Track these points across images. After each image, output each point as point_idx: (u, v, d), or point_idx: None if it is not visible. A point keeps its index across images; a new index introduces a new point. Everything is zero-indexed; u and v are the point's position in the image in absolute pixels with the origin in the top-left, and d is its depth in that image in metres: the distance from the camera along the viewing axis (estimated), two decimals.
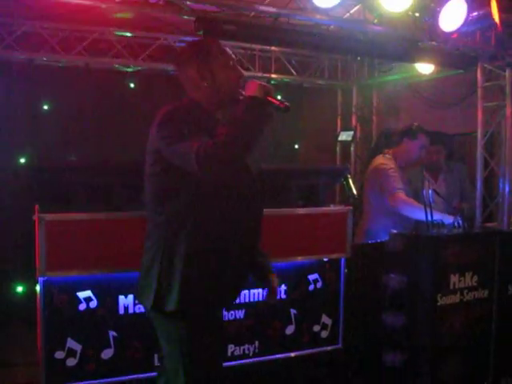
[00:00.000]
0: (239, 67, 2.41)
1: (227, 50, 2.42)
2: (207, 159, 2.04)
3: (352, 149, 5.68)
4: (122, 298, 3.15)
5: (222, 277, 2.33)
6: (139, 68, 5.14)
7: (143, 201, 2.40)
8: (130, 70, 5.14)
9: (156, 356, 3.23)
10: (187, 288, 2.24)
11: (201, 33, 3.40)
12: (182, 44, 5.05)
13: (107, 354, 3.14)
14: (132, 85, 5.48)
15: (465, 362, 3.61)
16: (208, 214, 2.26)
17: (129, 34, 4.89)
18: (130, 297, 3.16)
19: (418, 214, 3.84)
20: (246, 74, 2.44)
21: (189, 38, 4.82)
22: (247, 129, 2.13)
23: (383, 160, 4.19)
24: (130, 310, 3.17)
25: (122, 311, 3.16)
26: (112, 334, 3.14)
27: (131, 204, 3.12)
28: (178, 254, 2.24)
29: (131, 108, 5.39)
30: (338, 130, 5.82)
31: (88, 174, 3.21)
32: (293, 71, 5.39)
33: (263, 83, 2.23)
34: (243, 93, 2.25)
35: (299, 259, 3.52)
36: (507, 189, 4.06)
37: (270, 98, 2.19)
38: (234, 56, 2.42)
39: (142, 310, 3.19)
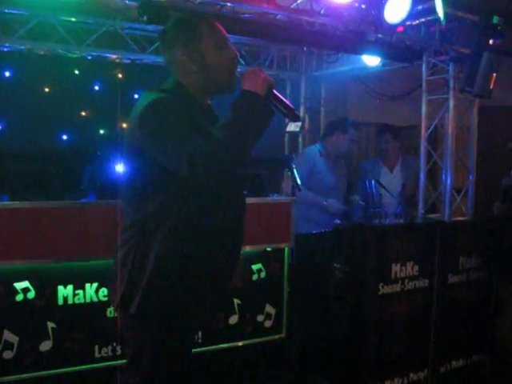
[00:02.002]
0: (233, 47, 2.13)
1: (219, 27, 2.13)
2: (201, 167, 1.82)
3: (300, 140, 5.70)
4: (61, 288, 3.08)
5: (197, 288, 2.08)
6: (84, 54, 5.00)
7: (122, 194, 2.17)
8: (74, 56, 5.00)
9: (97, 347, 3.18)
10: (152, 292, 2.01)
11: (145, 19, 3.33)
12: (129, 31, 4.94)
13: (46, 346, 3.08)
14: (77, 71, 5.34)
15: (406, 349, 3.69)
16: (189, 216, 2.02)
17: (73, 19, 4.74)
18: (70, 287, 3.10)
19: (311, 201, 4.22)
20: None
21: (136, 25, 4.73)
22: (246, 134, 1.90)
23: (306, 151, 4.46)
24: (70, 301, 3.11)
25: (61, 302, 3.09)
26: (51, 325, 3.08)
27: (70, 193, 3.06)
28: (151, 255, 2.01)
29: (76, 95, 5.26)
30: (287, 120, 5.81)
31: (25, 162, 3.13)
32: (241, 61, 5.35)
33: (267, 76, 1.99)
34: (240, 79, 2.01)
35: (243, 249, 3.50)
36: (449, 181, 4.14)
37: (276, 103, 1.98)
38: (226, 34, 2.13)
39: (82, 300, 3.14)
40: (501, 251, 3.91)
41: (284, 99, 2.04)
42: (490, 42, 3.95)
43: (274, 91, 2.01)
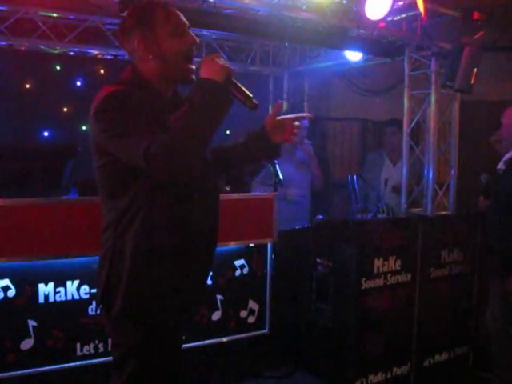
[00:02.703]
0: (192, 34, 2.03)
1: (177, 13, 2.02)
2: (158, 160, 1.74)
3: None
4: (41, 286, 3.06)
5: (176, 284, 2.03)
6: (66, 50, 4.96)
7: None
8: (56, 51, 4.96)
9: (78, 345, 3.17)
10: (134, 291, 1.96)
11: (125, 14, 3.30)
12: (110, 27, 4.91)
13: (27, 344, 3.05)
14: (58, 67, 5.30)
15: (389, 343, 3.71)
16: (159, 209, 1.96)
17: (54, 15, 4.71)
18: (51, 285, 3.08)
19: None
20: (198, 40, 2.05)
21: (119, 21, 4.70)
22: (205, 122, 1.82)
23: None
24: (51, 299, 3.09)
25: (41, 300, 3.07)
26: (32, 323, 3.05)
27: (50, 189, 3.04)
28: (127, 254, 1.95)
29: (57, 91, 5.22)
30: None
31: (5, 158, 3.09)
32: (224, 56, 5.34)
33: (224, 63, 1.89)
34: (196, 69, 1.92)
35: (225, 245, 3.50)
36: (431, 176, 4.16)
37: (234, 91, 1.89)
38: (185, 21, 2.03)
39: (63, 298, 3.12)
40: (485, 245, 3.92)
41: (242, 87, 1.94)
42: (471, 37, 3.98)
43: (233, 79, 1.92)
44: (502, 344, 3.66)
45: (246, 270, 3.64)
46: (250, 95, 1.93)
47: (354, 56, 4.82)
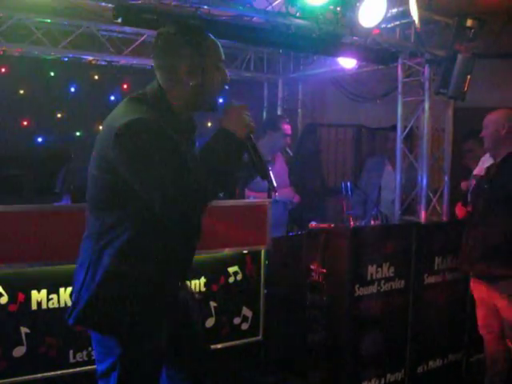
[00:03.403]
0: (225, 69, 2.05)
1: (219, 46, 2.03)
2: (170, 209, 1.84)
3: None
4: (34, 292, 3.03)
5: (145, 306, 2.01)
6: (60, 56, 4.96)
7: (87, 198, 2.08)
8: (50, 57, 4.96)
9: (71, 352, 3.15)
10: (95, 305, 1.97)
11: (120, 21, 3.32)
12: (105, 33, 4.92)
13: (19, 351, 3.01)
14: (52, 73, 5.29)
15: (383, 350, 3.70)
16: (144, 239, 1.97)
17: (48, 21, 4.71)
18: (44, 292, 3.05)
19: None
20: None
21: (114, 27, 4.71)
22: (219, 177, 1.90)
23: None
24: (44, 306, 3.06)
25: (34, 307, 3.04)
26: (24, 330, 3.02)
27: (43, 196, 3.03)
28: (100, 269, 1.96)
29: (51, 96, 5.22)
30: None
31: None
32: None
33: (250, 122, 1.95)
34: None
35: (219, 251, 3.49)
36: (425, 182, 4.18)
37: (251, 149, 1.96)
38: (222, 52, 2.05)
39: (56, 305, 3.10)
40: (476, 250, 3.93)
41: (258, 148, 2.01)
42: (464, 44, 4.00)
43: (252, 137, 1.98)
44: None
45: (239, 277, 3.63)
46: (264, 160, 2.00)
47: (347, 63, 4.84)
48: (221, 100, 2.13)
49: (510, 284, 3.39)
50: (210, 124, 5.17)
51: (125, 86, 5.67)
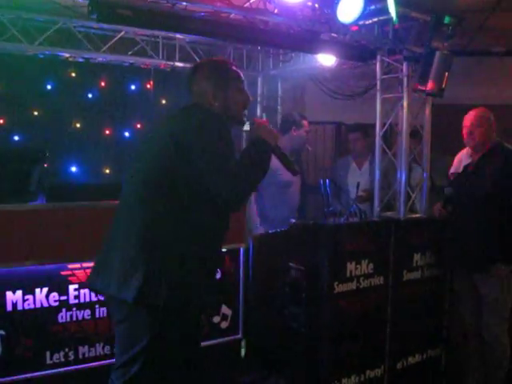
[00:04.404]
0: (247, 91, 2.62)
1: (240, 72, 2.62)
2: (234, 195, 2.26)
3: None
4: (9, 294, 3.00)
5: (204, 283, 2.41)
6: (37, 53, 4.89)
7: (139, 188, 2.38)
8: (26, 54, 4.88)
9: (48, 354, 3.12)
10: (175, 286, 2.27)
11: (94, 17, 3.27)
12: (82, 29, 4.85)
13: None
14: (29, 70, 5.20)
15: (363, 347, 3.72)
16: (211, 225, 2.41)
17: (24, 17, 4.63)
18: (19, 293, 3.02)
19: None
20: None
21: (92, 23, 4.64)
22: (258, 174, 2.35)
23: None
24: (19, 307, 3.03)
25: (9, 308, 3.01)
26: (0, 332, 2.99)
27: (18, 195, 2.99)
28: (179, 259, 2.29)
29: (28, 94, 5.15)
30: (245, 119, 5.82)
31: None
32: (198, 60, 5.30)
33: (275, 131, 2.50)
34: (252, 127, 2.51)
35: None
36: (403, 179, 4.18)
37: (279, 154, 2.52)
38: (243, 79, 2.62)
39: (32, 306, 3.06)
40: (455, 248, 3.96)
41: (285, 154, 2.64)
42: (442, 41, 4.01)
43: (278, 145, 2.51)
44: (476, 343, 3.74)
45: (218, 275, 3.61)
46: (291, 161, 2.62)
47: (326, 60, 4.83)
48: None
49: (501, 270, 3.59)
50: None
51: (102, 84, 5.60)
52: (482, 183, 3.66)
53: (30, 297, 3.06)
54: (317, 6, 3.72)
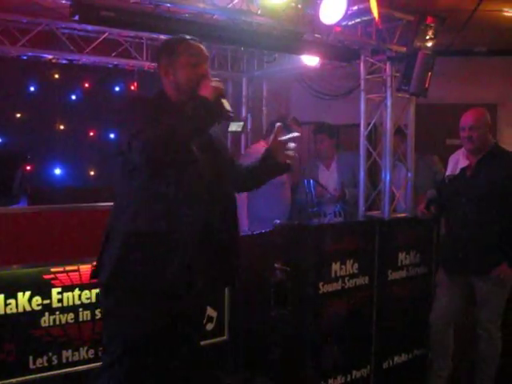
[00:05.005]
0: (204, 67, 2.50)
1: (197, 46, 2.52)
2: (149, 152, 2.21)
3: (242, 139, 5.70)
4: None
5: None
6: (19, 54, 4.85)
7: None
8: (7, 56, 4.84)
9: (31, 358, 3.08)
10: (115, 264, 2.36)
11: (76, 18, 3.25)
12: (65, 30, 4.82)
13: None
14: (11, 72, 5.17)
15: (348, 347, 3.72)
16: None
17: (8, 19, 4.59)
18: (1, 296, 2.98)
19: None
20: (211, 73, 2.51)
21: (75, 25, 4.61)
22: (188, 126, 2.28)
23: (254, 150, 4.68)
24: (1, 311, 2.99)
25: None
26: None
27: (1, 198, 2.96)
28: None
29: (10, 96, 5.11)
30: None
31: None
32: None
33: (216, 85, 2.39)
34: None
35: None
36: (388, 178, 4.19)
37: (218, 104, 2.34)
38: (203, 55, 2.52)
39: (15, 310, 3.03)
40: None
41: (225, 103, 2.41)
42: (425, 41, 4.03)
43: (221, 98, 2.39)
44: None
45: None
46: (227, 109, 2.40)
47: (310, 60, 4.83)
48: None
49: (503, 271, 3.58)
50: None
51: (86, 85, 5.59)
52: (482, 186, 3.63)
53: (12, 301, 3.02)
54: (300, 6, 3.72)
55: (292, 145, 2.70)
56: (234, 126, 5.32)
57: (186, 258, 2.38)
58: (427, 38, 4.07)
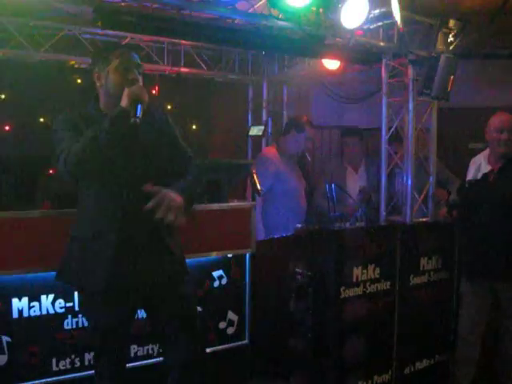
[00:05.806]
0: (132, 73, 2.57)
1: (128, 56, 2.60)
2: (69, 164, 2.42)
3: (263, 144, 5.70)
4: (15, 300, 3.00)
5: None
6: (43, 59, 4.90)
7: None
8: (32, 61, 4.89)
9: (54, 361, 3.11)
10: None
11: (98, 24, 3.28)
12: (88, 36, 4.87)
13: (1, 360, 2.99)
14: (35, 77, 5.23)
15: (370, 352, 3.70)
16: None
17: (30, 24, 4.65)
18: (25, 299, 3.02)
19: None
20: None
21: (98, 30, 4.65)
22: (105, 139, 2.37)
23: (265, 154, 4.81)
24: (25, 314, 3.03)
25: (15, 315, 3.01)
26: (5, 339, 3.00)
27: (23, 202, 2.99)
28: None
29: (34, 101, 5.17)
30: (249, 124, 5.84)
31: None
32: (203, 65, 5.32)
33: (133, 90, 2.44)
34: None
35: (203, 256, 3.47)
36: (409, 183, 4.17)
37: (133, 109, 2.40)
38: (133, 62, 2.61)
39: (38, 313, 3.06)
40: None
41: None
42: (447, 44, 4.00)
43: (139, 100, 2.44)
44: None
45: (224, 281, 3.61)
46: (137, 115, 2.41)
47: (331, 64, 4.83)
48: None
49: None
50: None
51: None
52: (506, 191, 3.57)
53: (36, 304, 3.06)
54: (321, 10, 3.71)
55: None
56: (255, 130, 5.36)
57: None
58: (449, 41, 4.05)
